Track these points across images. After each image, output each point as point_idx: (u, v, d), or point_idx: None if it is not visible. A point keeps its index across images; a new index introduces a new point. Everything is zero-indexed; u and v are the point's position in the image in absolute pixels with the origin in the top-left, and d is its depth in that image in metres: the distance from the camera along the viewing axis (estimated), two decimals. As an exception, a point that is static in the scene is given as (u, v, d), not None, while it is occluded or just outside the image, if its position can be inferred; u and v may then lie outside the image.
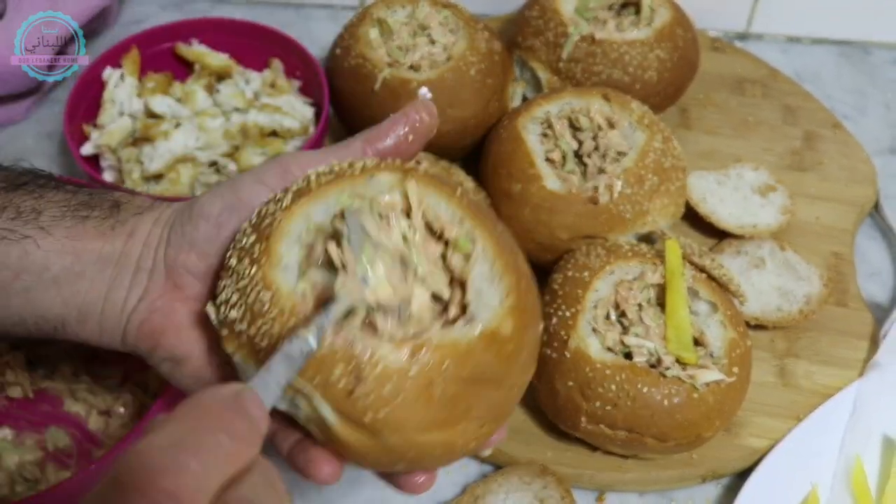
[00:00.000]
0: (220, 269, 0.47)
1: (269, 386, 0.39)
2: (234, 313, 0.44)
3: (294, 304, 0.43)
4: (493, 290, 0.45)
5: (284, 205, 0.46)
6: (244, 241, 0.46)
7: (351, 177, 0.47)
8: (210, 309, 0.47)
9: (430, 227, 0.47)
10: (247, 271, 0.44)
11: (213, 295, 0.48)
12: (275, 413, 0.42)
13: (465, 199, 0.48)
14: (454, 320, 0.44)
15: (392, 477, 0.49)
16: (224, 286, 0.46)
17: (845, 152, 0.91)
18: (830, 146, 0.91)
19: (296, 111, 0.86)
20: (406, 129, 0.52)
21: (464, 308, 0.45)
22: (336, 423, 0.42)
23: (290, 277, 0.44)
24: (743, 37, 1.05)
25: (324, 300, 0.43)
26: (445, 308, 0.45)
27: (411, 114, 0.52)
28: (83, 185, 0.53)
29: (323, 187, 0.46)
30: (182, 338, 0.49)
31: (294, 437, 0.47)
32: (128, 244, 0.49)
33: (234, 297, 0.45)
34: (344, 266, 0.43)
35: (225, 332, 0.45)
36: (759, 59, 0.99)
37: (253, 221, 0.47)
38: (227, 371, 0.48)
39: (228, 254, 0.47)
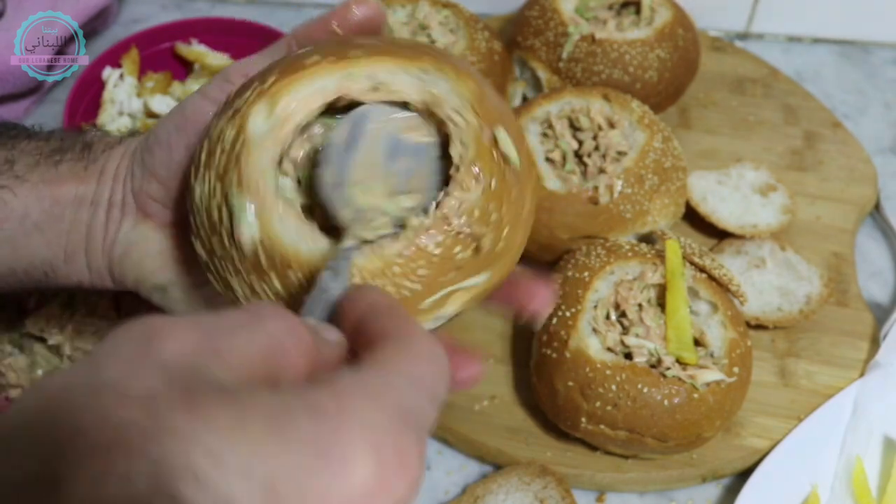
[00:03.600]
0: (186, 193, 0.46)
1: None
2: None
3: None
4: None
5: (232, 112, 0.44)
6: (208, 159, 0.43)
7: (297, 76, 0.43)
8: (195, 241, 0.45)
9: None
10: (215, 189, 0.42)
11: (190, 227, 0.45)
12: None
13: (425, 55, 0.45)
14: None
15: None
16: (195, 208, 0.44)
17: (846, 152, 0.91)
18: (831, 146, 0.91)
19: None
20: (336, 23, 0.49)
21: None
22: (487, 277, 0.43)
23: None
24: (743, 36, 1.05)
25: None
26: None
27: (341, 10, 0.49)
28: (53, 131, 0.54)
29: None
30: (160, 265, 0.50)
31: None
32: (100, 182, 0.50)
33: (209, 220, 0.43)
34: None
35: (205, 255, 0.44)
36: (759, 59, 0.99)
37: (209, 144, 0.44)
38: (209, 292, 0.48)
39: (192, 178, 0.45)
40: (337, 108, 0.44)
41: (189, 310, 0.51)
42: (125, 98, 0.84)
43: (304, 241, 0.42)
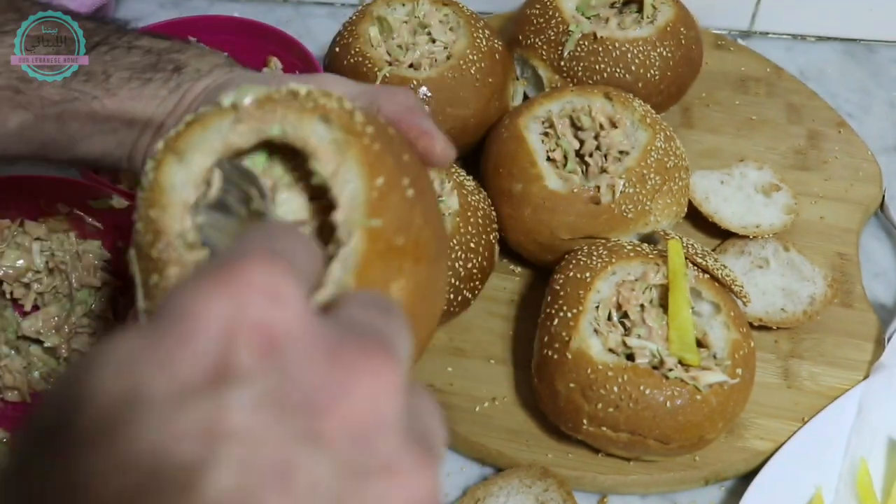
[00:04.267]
0: None
1: None
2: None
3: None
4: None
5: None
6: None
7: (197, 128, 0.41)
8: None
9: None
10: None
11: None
12: None
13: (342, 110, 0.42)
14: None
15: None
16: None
17: (850, 151, 0.90)
18: (835, 145, 0.90)
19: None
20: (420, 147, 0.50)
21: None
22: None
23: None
24: (746, 35, 1.04)
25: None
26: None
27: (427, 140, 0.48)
28: (153, 45, 0.59)
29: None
30: None
31: None
32: (177, 107, 0.55)
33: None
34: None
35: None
36: (762, 58, 0.99)
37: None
38: None
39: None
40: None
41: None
42: None
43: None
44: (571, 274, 0.69)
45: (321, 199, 0.41)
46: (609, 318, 0.66)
